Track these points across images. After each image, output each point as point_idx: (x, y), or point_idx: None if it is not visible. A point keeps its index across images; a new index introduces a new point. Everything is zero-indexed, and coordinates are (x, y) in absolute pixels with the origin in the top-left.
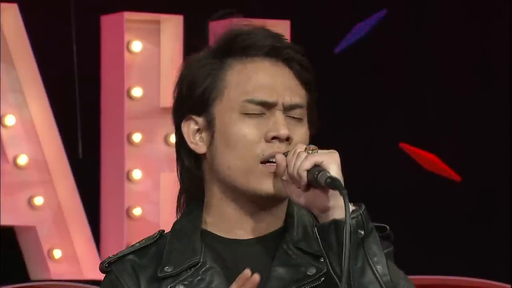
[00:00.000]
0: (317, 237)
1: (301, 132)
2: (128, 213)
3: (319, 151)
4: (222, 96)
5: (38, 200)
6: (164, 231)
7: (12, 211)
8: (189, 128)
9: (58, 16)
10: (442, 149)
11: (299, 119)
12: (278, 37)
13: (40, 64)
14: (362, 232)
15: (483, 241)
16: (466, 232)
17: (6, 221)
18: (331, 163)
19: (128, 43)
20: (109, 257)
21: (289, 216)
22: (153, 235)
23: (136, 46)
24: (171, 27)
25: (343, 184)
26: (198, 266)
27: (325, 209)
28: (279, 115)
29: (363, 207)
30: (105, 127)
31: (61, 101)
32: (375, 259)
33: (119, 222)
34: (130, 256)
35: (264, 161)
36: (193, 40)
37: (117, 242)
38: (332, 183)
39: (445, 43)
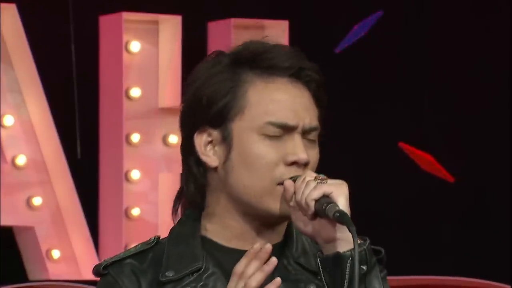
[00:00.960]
0: (319, 267)
1: (314, 154)
2: (127, 213)
3: (329, 181)
4: (242, 114)
5: (37, 201)
6: (160, 237)
7: (10, 211)
8: (202, 139)
9: (57, 16)
10: (439, 149)
11: (313, 141)
12: (300, 57)
13: (38, 64)
14: (365, 268)
15: (483, 241)
16: (466, 232)
17: (5, 221)
18: (340, 195)
19: (127, 43)
20: (105, 260)
21: (288, 231)
22: (149, 240)
23: (135, 46)
24: (170, 28)
25: (350, 219)
26: (201, 271)
27: (330, 240)
28: (297, 138)
29: (368, 241)
30: (103, 128)
31: (59, 101)
32: None
33: (118, 222)
34: (129, 260)
35: (281, 184)
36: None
37: (116, 243)
38: (341, 217)
39: (444, 42)
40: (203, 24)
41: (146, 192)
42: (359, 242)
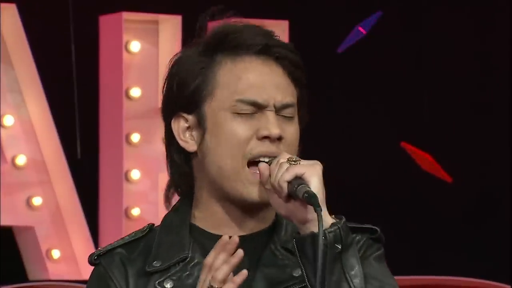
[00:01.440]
0: (295, 248)
1: (291, 130)
2: (127, 213)
3: (302, 162)
4: (213, 95)
5: (37, 200)
6: (154, 225)
7: (10, 211)
8: (179, 125)
9: (57, 16)
10: (438, 148)
11: (290, 118)
12: (269, 35)
13: (38, 64)
14: (339, 247)
15: (482, 241)
16: (466, 232)
17: (5, 221)
18: (312, 175)
19: (127, 43)
20: (98, 249)
21: (278, 217)
22: (142, 228)
23: (135, 46)
24: (170, 27)
25: (319, 200)
26: (186, 261)
27: (304, 221)
28: (270, 114)
29: (343, 220)
30: (103, 127)
31: (59, 101)
32: (352, 272)
33: (118, 222)
34: (119, 250)
35: (252, 161)
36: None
37: None
38: (309, 198)
39: (444, 42)
40: (203, 24)
41: (146, 192)
42: (334, 221)
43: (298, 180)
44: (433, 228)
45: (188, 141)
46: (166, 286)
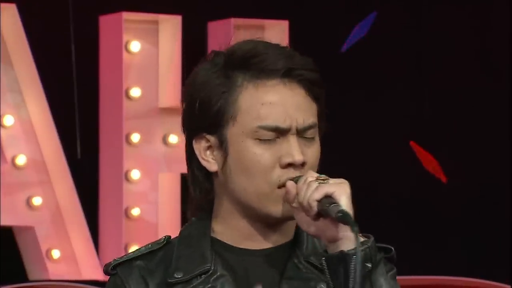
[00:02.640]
0: (324, 267)
1: (313, 151)
2: (127, 213)
3: (330, 180)
4: (235, 120)
5: (37, 200)
6: (170, 237)
7: (10, 211)
8: (201, 145)
9: (57, 16)
10: (439, 147)
11: (312, 139)
12: (291, 57)
13: (38, 64)
14: (370, 265)
15: (482, 241)
16: (466, 232)
17: (5, 221)
18: (342, 194)
19: (127, 43)
20: (115, 259)
21: (299, 230)
22: (159, 240)
23: (135, 46)
24: (170, 27)
25: (353, 219)
26: (209, 273)
27: (334, 240)
28: (292, 139)
29: (372, 238)
30: (103, 127)
31: (59, 101)
32: None
33: (118, 222)
34: (138, 262)
35: (281, 186)
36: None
37: (116, 242)
38: (344, 217)
39: (444, 40)
40: (203, 24)
41: (146, 192)
42: (363, 240)
43: (328, 199)
44: (433, 228)
45: (209, 160)
46: None
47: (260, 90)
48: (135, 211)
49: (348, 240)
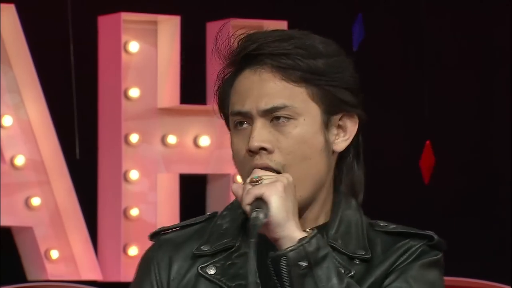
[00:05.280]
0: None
1: (288, 136)
2: (125, 213)
3: (265, 179)
4: (229, 114)
5: (35, 201)
6: (217, 212)
7: (9, 211)
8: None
9: (55, 16)
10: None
11: (288, 120)
12: (264, 42)
13: (37, 65)
14: (304, 264)
15: (482, 241)
16: (466, 232)
17: (3, 221)
18: (271, 194)
19: (125, 43)
20: (160, 228)
21: (333, 212)
22: (205, 215)
23: (133, 46)
24: (168, 28)
25: (280, 218)
26: (232, 250)
27: (275, 240)
28: (255, 124)
29: (312, 235)
30: (102, 128)
31: (58, 102)
32: (330, 284)
33: (116, 222)
34: (172, 235)
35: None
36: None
37: (114, 243)
38: (251, 228)
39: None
40: (202, 25)
41: (145, 192)
42: (301, 237)
43: (259, 202)
44: (432, 228)
45: None
46: (208, 272)
47: (236, 80)
48: (134, 212)
49: (286, 239)
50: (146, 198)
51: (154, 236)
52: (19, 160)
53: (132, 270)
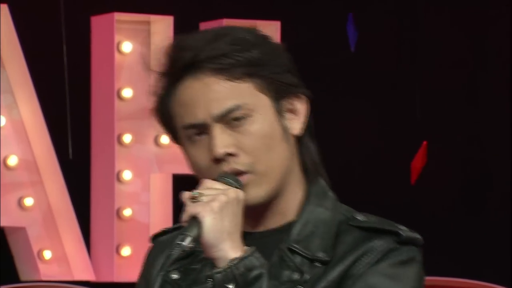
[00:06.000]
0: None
1: (248, 135)
2: (118, 213)
3: (204, 195)
4: (176, 126)
5: (28, 201)
6: None
7: (2, 212)
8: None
9: (48, 16)
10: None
11: (244, 119)
12: (205, 47)
13: (30, 65)
14: (230, 287)
15: (482, 241)
16: (466, 233)
17: None
18: (205, 215)
19: (118, 43)
20: (162, 229)
21: (302, 209)
22: None
23: (126, 46)
24: (162, 28)
25: (212, 238)
26: (194, 254)
27: (211, 259)
28: (213, 131)
29: (244, 256)
30: (95, 128)
31: (51, 102)
32: None
33: (109, 222)
34: (165, 237)
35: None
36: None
37: (107, 243)
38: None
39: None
40: (195, 25)
41: (138, 193)
42: (233, 257)
43: (193, 221)
44: (432, 229)
45: None
46: (171, 277)
47: (177, 90)
48: (127, 212)
49: (220, 260)
50: (139, 198)
51: (153, 238)
52: (12, 160)
53: (125, 270)
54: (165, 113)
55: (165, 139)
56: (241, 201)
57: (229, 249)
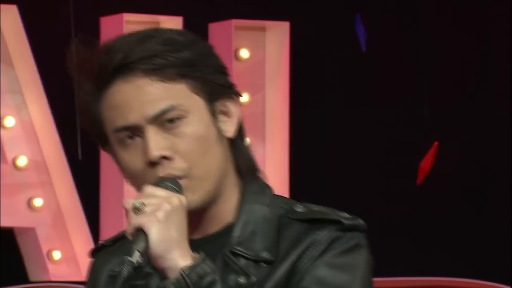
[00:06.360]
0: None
1: (184, 138)
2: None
3: (147, 208)
4: (105, 131)
5: (38, 202)
6: None
7: (11, 212)
8: (111, 155)
9: (58, 17)
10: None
11: (179, 120)
12: (134, 48)
13: (39, 65)
14: None
15: (482, 241)
16: (465, 232)
17: (6, 222)
18: (151, 227)
19: None
20: (100, 242)
21: (239, 210)
22: None
23: None
24: None
25: (159, 250)
26: (137, 270)
27: (162, 269)
28: (147, 134)
29: (195, 263)
30: None
31: (60, 102)
32: None
33: (119, 223)
34: (107, 249)
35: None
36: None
37: None
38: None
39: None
40: (204, 25)
41: None
42: (183, 266)
43: (138, 233)
44: (432, 229)
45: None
46: None
47: (108, 93)
48: None
49: (170, 270)
50: None
51: (93, 253)
52: (21, 161)
53: None
54: (92, 118)
55: None
56: (185, 207)
57: (178, 257)
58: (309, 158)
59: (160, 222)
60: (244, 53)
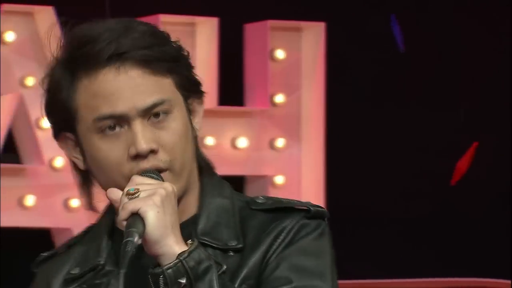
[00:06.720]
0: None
1: (169, 133)
2: None
3: (142, 193)
4: (79, 117)
5: (74, 202)
6: (93, 225)
7: (48, 213)
8: (67, 143)
9: (93, 18)
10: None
11: (165, 114)
12: (124, 37)
13: None
14: (183, 281)
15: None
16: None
17: (43, 223)
18: (148, 210)
19: None
20: (40, 255)
21: (201, 202)
22: (83, 230)
23: None
24: (206, 30)
25: (157, 235)
26: (98, 269)
27: (155, 257)
28: (136, 126)
29: (191, 249)
30: None
31: None
32: None
33: None
34: (53, 259)
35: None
36: (228, 43)
37: None
38: (121, 255)
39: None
40: (239, 26)
41: None
42: (180, 252)
43: (134, 217)
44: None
45: (78, 157)
46: None
47: (93, 81)
48: None
49: (165, 256)
50: None
51: (35, 266)
52: (58, 162)
53: None
54: (63, 105)
55: (210, 140)
56: (176, 195)
57: (173, 243)
58: (344, 158)
59: (157, 206)
60: (280, 54)
